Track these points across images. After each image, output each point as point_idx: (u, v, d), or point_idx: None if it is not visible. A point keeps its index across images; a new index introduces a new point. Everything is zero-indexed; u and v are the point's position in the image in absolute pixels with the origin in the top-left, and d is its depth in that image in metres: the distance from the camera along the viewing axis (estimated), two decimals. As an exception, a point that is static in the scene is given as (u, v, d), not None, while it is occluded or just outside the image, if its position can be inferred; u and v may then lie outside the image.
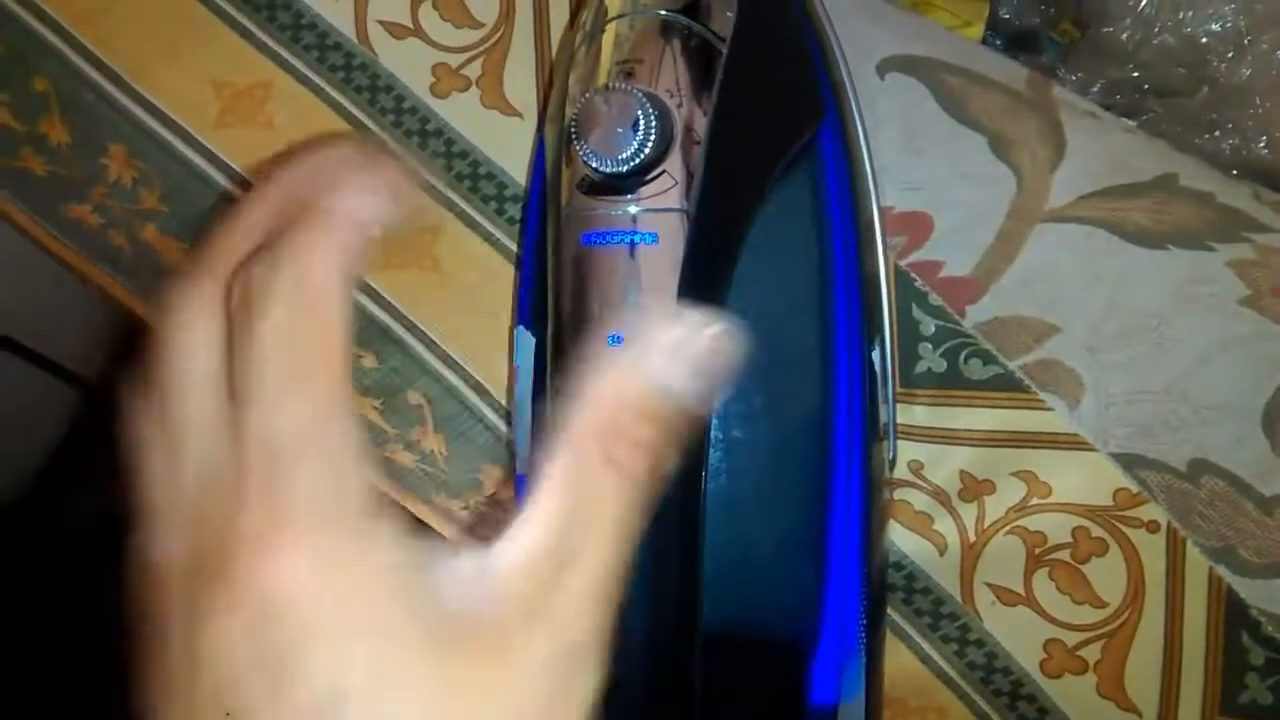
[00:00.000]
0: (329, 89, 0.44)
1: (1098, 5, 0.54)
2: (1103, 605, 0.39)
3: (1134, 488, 0.39)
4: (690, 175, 0.29)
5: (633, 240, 0.29)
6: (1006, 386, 0.39)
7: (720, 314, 0.27)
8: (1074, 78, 0.56)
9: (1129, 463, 0.39)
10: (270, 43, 0.44)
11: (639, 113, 0.28)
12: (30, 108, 0.47)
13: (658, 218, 0.29)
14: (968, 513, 0.40)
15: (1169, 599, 0.39)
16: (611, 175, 0.29)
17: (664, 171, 0.29)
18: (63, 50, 0.46)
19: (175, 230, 0.46)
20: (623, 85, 0.29)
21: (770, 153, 0.32)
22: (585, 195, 0.30)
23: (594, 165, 0.29)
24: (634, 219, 0.29)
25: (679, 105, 0.30)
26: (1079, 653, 0.39)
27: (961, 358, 0.39)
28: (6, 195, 0.50)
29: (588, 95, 0.29)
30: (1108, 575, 0.39)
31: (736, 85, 0.31)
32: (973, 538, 0.40)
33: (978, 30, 0.52)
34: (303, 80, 0.44)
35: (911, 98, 0.42)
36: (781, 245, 0.34)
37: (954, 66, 0.43)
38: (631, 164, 0.28)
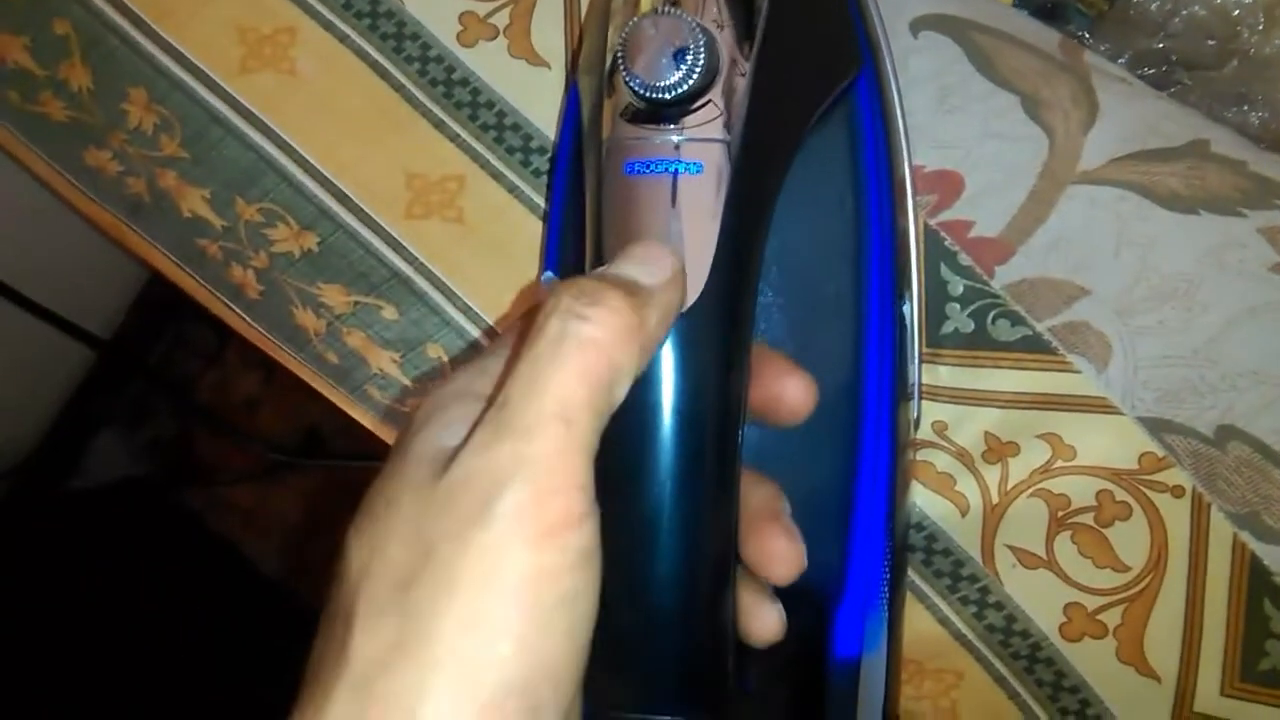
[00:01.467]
0: (354, 36, 0.43)
1: (1127, -25, 0.54)
2: (1125, 570, 0.39)
3: (1160, 452, 0.38)
4: (734, 108, 0.29)
5: (677, 169, 0.28)
6: (1034, 348, 0.39)
7: (759, 242, 0.29)
8: (1101, 49, 0.55)
9: (1155, 427, 0.39)
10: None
11: (689, 38, 0.27)
12: (51, 51, 0.47)
13: (702, 147, 0.28)
14: (991, 474, 0.40)
15: (1191, 564, 0.38)
16: (657, 101, 0.28)
17: (709, 101, 0.29)
18: (85, -8, 0.45)
19: (196, 177, 0.46)
20: (672, 10, 0.28)
21: (812, 94, 0.32)
22: (628, 123, 0.29)
23: (640, 91, 0.28)
24: (678, 147, 0.28)
25: (727, 34, 0.30)
26: (1099, 617, 0.39)
27: (990, 318, 0.39)
28: (25, 141, 0.50)
29: (635, 20, 0.28)
30: (1130, 539, 0.39)
31: (780, 24, 0.30)
32: (995, 499, 0.40)
33: (1007, -4, 0.51)
34: (328, 26, 0.44)
35: (945, 56, 0.42)
36: (819, 190, 0.34)
37: (987, 27, 0.43)
38: (678, 91, 0.28)
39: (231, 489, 1.18)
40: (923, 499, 0.40)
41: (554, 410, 0.23)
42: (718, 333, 0.28)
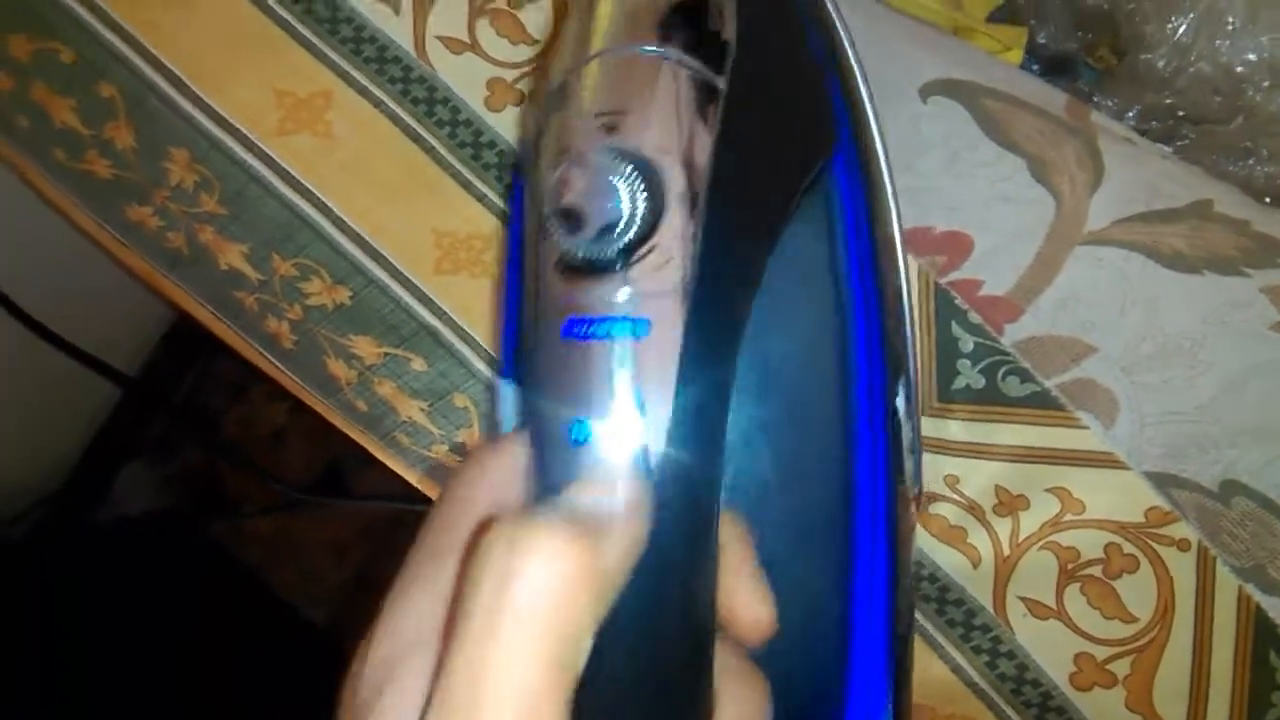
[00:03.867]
0: (388, 100, 0.45)
1: (1135, 32, 0.55)
2: (1133, 620, 0.40)
3: (1166, 506, 0.39)
4: (690, 241, 0.24)
5: (620, 331, 0.24)
6: (1043, 404, 0.40)
7: (724, 398, 0.25)
8: (1110, 104, 0.56)
9: (1161, 482, 0.40)
10: (331, 54, 0.46)
11: (619, 186, 0.23)
12: (97, 113, 0.49)
13: (650, 302, 0.24)
14: (1002, 527, 0.41)
15: (1198, 616, 0.40)
16: (597, 259, 0.24)
17: (654, 246, 0.24)
18: (130, 58, 0.47)
19: (233, 233, 0.48)
20: (600, 150, 0.24)
21: (779, 199, 0.28)
22: (563, 278, 0.25)
23: (571, 249, 0.24)
24: (620, 304, 0.24)
25: (674, 160, 0.25)
26: (1108, 667, 0.40)
27: (999, 375, 0.40)
28: (72, 197, 0.52)
29: (560, 167, 0.24)
30: (1138, 591, 0.40)
31: (737, 131, 0.26)
32: (1006, 551, 0.41)
33: (1017, 55, 0.53)
34: (362, 92, 0.45)
35: (954, 121, 0.43)
36: (793, 301, 0.30)
37: (995, 91, 0.44)
38: (614, 246, 0.24)
39: (255, 521, 1.19)
40: (935, 551, 0.41)
41: (510, 709, 0.19)
42: (677, 529, 0.23)
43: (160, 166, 0.48)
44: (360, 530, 1.15)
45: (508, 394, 0.31)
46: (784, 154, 0.29)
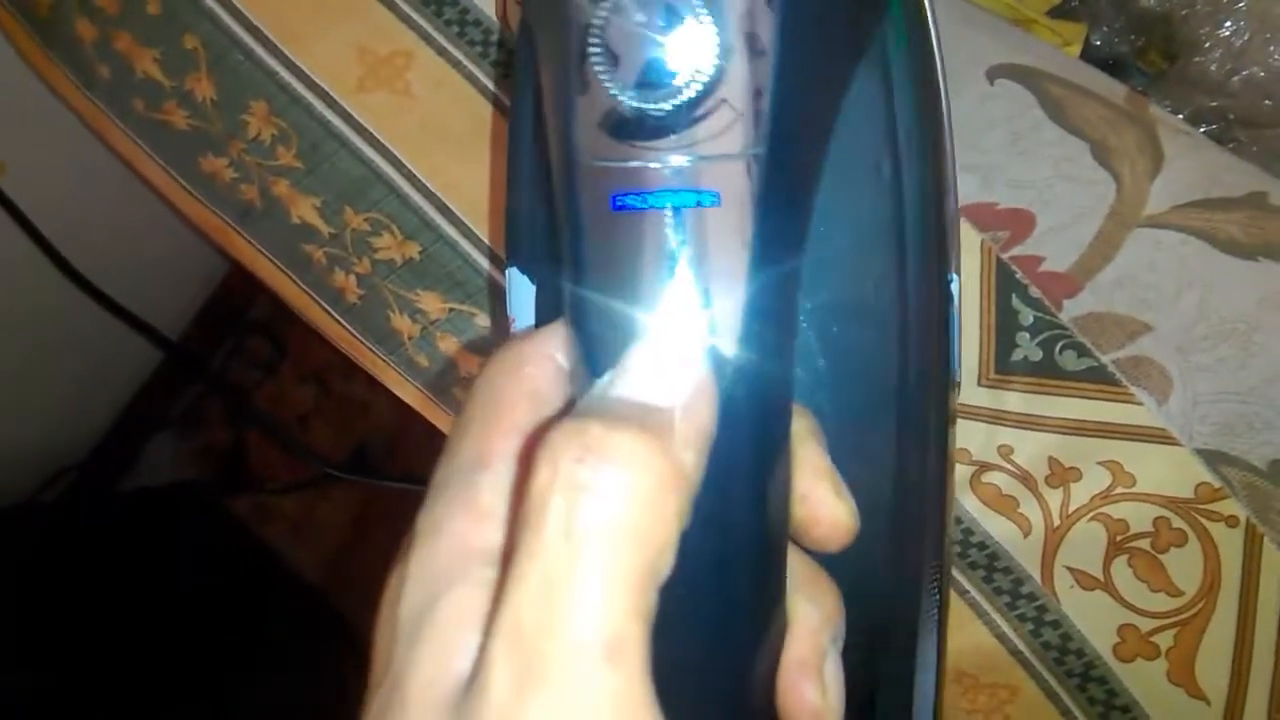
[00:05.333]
0: (466, 62, 0.47)
1: (1188, 36, 0.57)
2: (1178, 594, 0.41)
3: (1216, 483, 0.40)
4: (755, 104, 0.21)
5: (685, 204, 0.21)
6: (1099, 379, 0.41)
7: (796, 277, 0.23)
8: (1162, 106, 0.58)
9: (1212, 459, 0.41)
10: (414, 14, 0.47)
11: (689, 15, 0.20)
12: (179, 64, 0.50)
13: (719, 169, 0.21)
14: (1053, 498, 0.42)
15: (1243, 592, 0.40)
16: (653, 111, 0.20)
17: (723, 100, 0.21)
18: (216, 11, 0.49)
19: (307, 186, 0.49)
20: None
21: (842, 57, 0.25)
22: (611, 139, 0.21)
23: (627, 99, 0.20)
24: (684, 172, 0.21)
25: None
26: (1152, 639, 0.41)
27: (1057, 349, 0.41)
28: (145, 146, 0.53)
29: (606, 4, 0.20)
30: (1185, 566, 0.41)
31: None
32: (1057, 522, 0.42)
33: (1075, 50, 0.54)
34: (442, 52, 0.47)
35: (1019, 103, 0.44)
36: (848, 176, 0.27)
37: (1059, 78, 0.45)
38: (680, 96, 0.20)
39: (279, 499, 1.20)
40: (986, 519, 0.42)
41: (592, 642, 0.17)
42: (749, 423, 0.21)
43: (238, 119, 0.50)
44: (384, 513, 1.16)
45: (520, 283, 0.28)
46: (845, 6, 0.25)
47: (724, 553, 0.21)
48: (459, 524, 0.20)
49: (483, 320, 0.48)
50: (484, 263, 0.47)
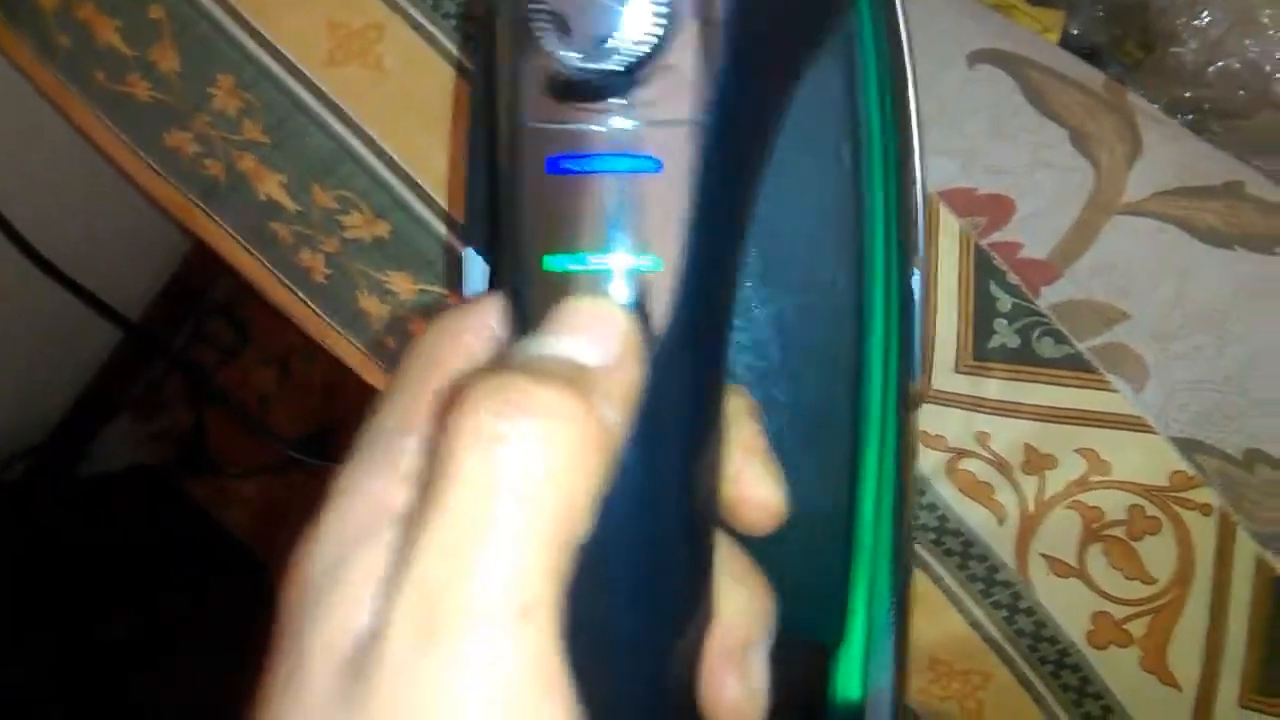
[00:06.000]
0: (440, 36, 0.46)
1: (1165, 26, 0.57)
2: (1152, 582, 0.41)
3: (1190, 471, 0.40)
4: (708, 63, 0.20)
5: (624, 169, 0.20)
6: (1075, 366, 0.41)
7: (736, 249, 0.22)
8: (1139, 96, 0.58)
9: (1187, 447, 0.41)
10: (389, -11, 0.46)
11: None
12: (143, 34, 0.49)
13: (661, 134, 0.20)
14: (1029, 485, 0.42)
15: (1216, 579, 0.40)
16: (595, 73, 0.19)
17: (669, 67, 0.20)
18: (181, -20, 0.47)
19: (274, 162, 0.48)
20: None
21: (804, 30, 0.24)
22: (553, 100, 0.20)
23: (568, 59, 0.19)
24: (626, 137, 0.20)
25: None
26: (1125, 626, 0.41)
27: (1035, 335, 0.41)
28: (106, 119, 0.52)
29: None
30: (1159, 553, 0.41)
31: None
32: (1031, 509, 0.41)
33: (1054, 36, 0.54)
34: (415, 26, 0.46)
35: (999, 89, 0.44)
36: (808, 160, 0.26)
37: (1038, 64, 0.45)
38: (627, 57, 0.19)
39: (239, 483, 1.19)
40: (961, 506, 0.42)
41: (500, 601, 0.16)
42: (680, 396, 0.21)
43: (204, 91, 0.48)
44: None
45: (475, 264, 0.28)
46: None
47: (647, 522, 0.21)
48: (376, 484, 0.19)
49: (455, 302, 0.47)
50: (457, 243, 0.46)
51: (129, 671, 0.99)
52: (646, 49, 0.19)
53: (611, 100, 0.20)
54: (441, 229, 0.46)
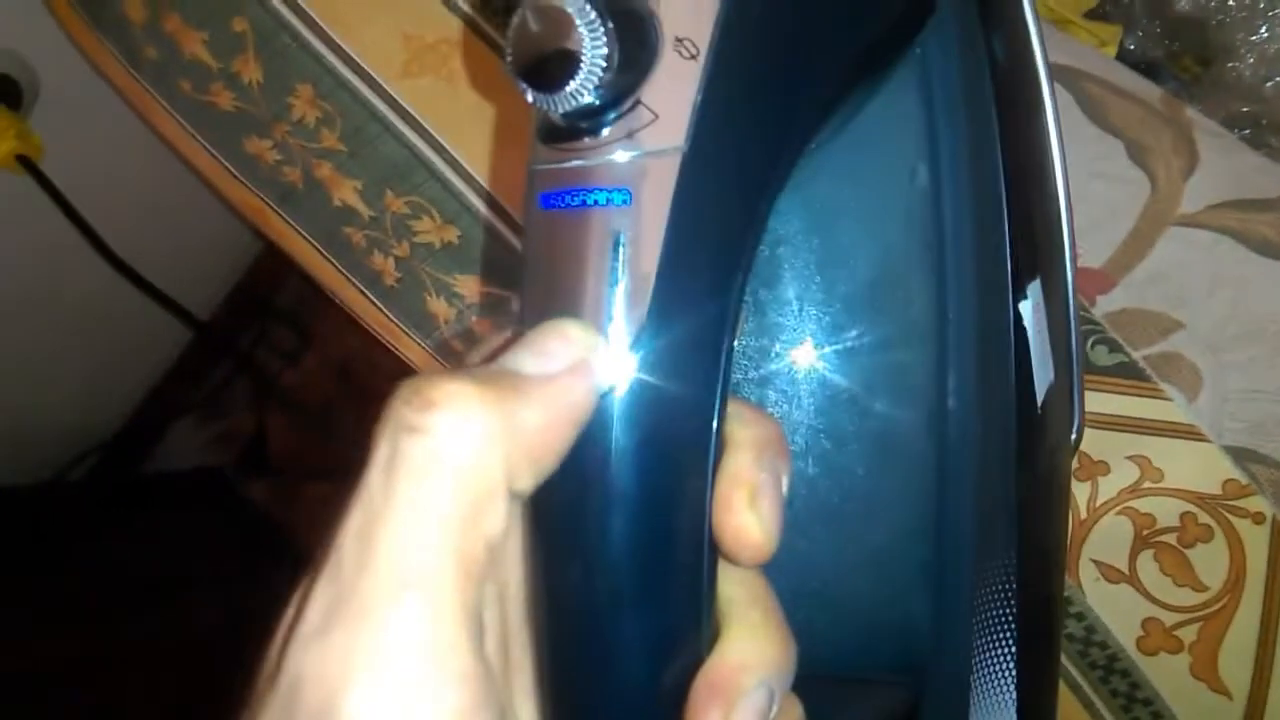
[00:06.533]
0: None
1: (1222, 41, 0.57)
2: (1203, 589, 0.41)
3: (1243, 479, 0.41)
4: (688, 101, 0.21)
5: (594, 201, 0.21)
6: (1130, 374, 0.42)
7: (722, 289, 0.22)
8: (1195, 110, 0.58)
9: (1240, 456, 0.41)
10: (460, 3, 0.48)
11: (580, 28, 0.19)
12: (227, 47, 0.51)
13: (630, 167, 0.21)
14: (1081, 491, 0.42)
15: (1268, 588, 0.41)
16: (565, 116, 0.21)
17: (638, 103, 0.21)
18: (265, -5, 0.50)
19: (350, 169, 0.50)
20: None
21: (830, 64, 0.24)
22: (541, 143, 0.22)
23: (537, 104, 0.20)
24: (595, 171, 0.21)
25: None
26: (1176, 633, 0.42)
27: (1089, 343, 0.42)
28: (189, 128, 0.54)
29: (518, 13, 0.20)
30: (1211, 561, 0.41)
31: None
32: (1084, 515, 0.42)
33: (1112, 50, 0.54)
34: (486, 39, 0.48)
35: (1058, 101, 0.45)
36: (882, 171, 0.26)
37: (1096, 77, 0.46)
38: (575, 103, 0.20)
39: (299, 486, 1.21)
40: (1013, 510, 0.43)
41: (397, 577, 0.17)
42: (649, 416, 0.21)
43: (284, 101, 0.50)
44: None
45: None
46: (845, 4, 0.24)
47: (614, 547, 0.21)
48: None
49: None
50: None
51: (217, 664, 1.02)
52: (590, 91, 0.20)
53: (583, 139, 0.21)
54: (509, 234, 0.48)
